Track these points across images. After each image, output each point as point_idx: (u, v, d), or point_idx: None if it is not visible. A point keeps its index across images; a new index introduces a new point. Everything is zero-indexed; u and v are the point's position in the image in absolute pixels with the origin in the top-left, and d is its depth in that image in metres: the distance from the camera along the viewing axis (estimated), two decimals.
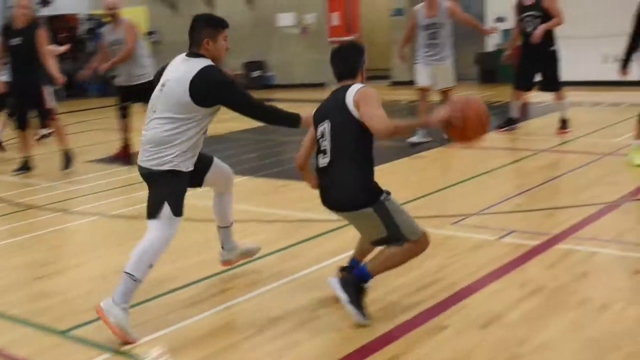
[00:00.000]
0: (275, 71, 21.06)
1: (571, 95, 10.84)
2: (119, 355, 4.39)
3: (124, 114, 10.59)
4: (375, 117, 4.47)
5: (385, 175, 8.62)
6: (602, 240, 5.89)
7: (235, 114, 4.90)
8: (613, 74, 15.39)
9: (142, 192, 8.48)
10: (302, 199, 7.83)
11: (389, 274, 4.94)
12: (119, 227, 7.38)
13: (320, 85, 19.75)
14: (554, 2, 10.11)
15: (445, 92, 10.36)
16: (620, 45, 8.81)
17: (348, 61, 4.86)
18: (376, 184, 4.73)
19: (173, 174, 4.75)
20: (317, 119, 4.78)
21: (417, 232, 4.71)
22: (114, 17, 10.23)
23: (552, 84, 10.42)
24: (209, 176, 5.29)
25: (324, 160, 4.70)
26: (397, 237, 4.63)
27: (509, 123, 10.91)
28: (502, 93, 14.49)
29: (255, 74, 20.85)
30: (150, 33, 22.12)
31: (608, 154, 9.04)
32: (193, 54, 4.88)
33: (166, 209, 4.70)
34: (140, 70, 10.17)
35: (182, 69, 4.79)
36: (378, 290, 5.08)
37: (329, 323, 4.66)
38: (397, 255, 4.70)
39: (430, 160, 9.54)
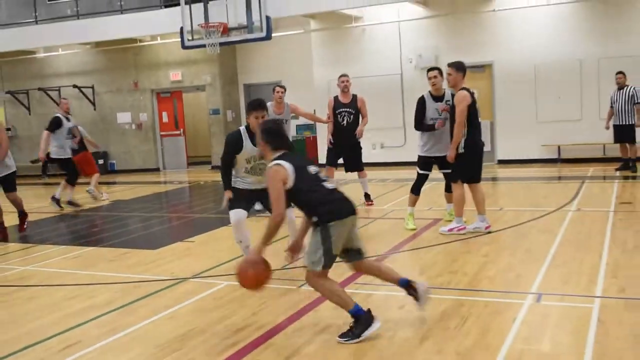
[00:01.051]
0: (116, 159, 20.48)
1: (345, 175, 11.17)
2: None
3: None
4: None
5: (209, 241, 8.63)
6: (375, 284, 6.09)
7: None
8: (378, 157, 16.30)
9: (2, 264, 7.92)
10: (140, 263, 7.62)
11: (209, 322, 4.91)
12: None
13: (155, 170, 19.44)
14: (365, 105, 10.37)
15: None
16: (384, 135, 9.27)
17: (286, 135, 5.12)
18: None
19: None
20: (305, 164, 4.88)
21: None
22: None
23: (358, 165, 10.56)
24: None
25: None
26: None
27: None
28: None
29: (100, 161, 20.19)
30: (7, 129, 20.91)
31: (379, 218, 9.45)
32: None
33: None
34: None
35: None
36: (200, 336, 5.00)
37: None
38: None
39: None
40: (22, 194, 13.70)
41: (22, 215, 10.38)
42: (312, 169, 4.88)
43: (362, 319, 4.70)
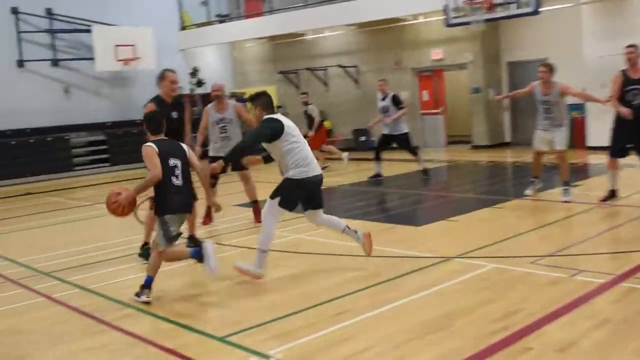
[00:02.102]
0: (376, 137, 21.05)
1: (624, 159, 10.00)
2: (263, 358, 4.44)
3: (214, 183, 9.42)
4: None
5: (472, 221, 8.54)
6: None
7: None
8: None
9: (280, 230, 8.61)
10: (404, 239, 7.78)
11: (475, 303, 4.87)
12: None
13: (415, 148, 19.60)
14: None
15: (559, 153, 9.63)
16: None
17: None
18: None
19: None
20: (169, 154, 5.94)
21: None
22: (219, 98, 9.61)
23: None
24: None
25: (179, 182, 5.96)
26: None
27: (612, 195, 9.14)
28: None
29: (362, 139, 20.93)
30: (279, 107, 22.57)
31: None
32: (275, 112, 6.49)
33: None
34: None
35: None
36: (468, 316, 4.96)
37: (434, 341, 4.57)
38: None
39: (508, 210, 9.24)
40: None
41: None
42: (172, 161, 5.92)
43: (145, 288, 5.89)
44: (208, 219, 9.61)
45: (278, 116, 6.37)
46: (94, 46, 19.05)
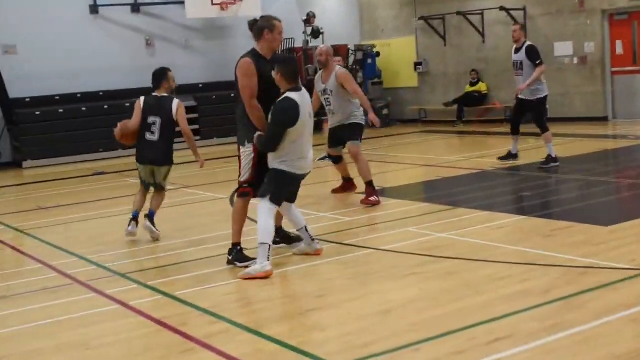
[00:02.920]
0: (550, 104, 20.49)
1: None
2: None
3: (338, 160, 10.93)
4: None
5: None
6: None
7: None
8: None
9: (414, 227, 8.63)
10: (587, 242, 7.57)
11: None
12: (393, 262, 7.44)
13: (602, 119, 19.03)
14: None
15: None
16: None
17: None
18: None
19: None
20: (150, 111, 8.83)
21: None
22: (324, 65, 10.13)
23: None
24: None
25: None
26: None
27: None
28: None
29: None
30: (417, 64, 22.46)
31: None
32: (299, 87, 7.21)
33: None
34: (356, 112, 10.19)
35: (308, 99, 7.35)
36: None
37: None
38: None
39: None
40: (432, 143, 14.80)
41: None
42: (151, 119, 8.73)
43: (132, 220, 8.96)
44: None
45: (298, 96, 7.08)
46: None
